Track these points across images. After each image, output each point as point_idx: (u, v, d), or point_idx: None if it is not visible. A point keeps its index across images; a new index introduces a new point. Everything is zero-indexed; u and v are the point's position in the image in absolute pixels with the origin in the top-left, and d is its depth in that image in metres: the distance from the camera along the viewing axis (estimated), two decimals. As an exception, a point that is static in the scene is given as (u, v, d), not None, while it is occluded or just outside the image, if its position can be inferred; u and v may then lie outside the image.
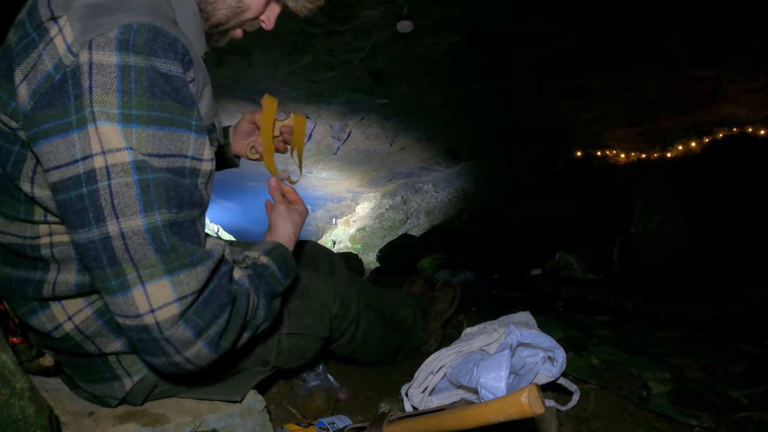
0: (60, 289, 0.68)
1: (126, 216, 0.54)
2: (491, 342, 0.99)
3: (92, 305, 0.71)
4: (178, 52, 0.56)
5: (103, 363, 0.76)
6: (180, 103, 0.56)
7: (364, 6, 2.76)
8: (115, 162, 0.53)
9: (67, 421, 0.75)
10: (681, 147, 4.27)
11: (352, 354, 1.19)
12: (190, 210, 0.59)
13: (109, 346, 0.73)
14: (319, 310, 0.99)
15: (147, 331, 0.57)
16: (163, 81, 0.55)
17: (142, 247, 0.54)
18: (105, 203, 0.53)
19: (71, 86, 0.52)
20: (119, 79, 0.52)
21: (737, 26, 2.83)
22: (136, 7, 0.56)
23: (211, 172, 0.63)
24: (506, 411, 0.55)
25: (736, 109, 3.86)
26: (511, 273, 2.90)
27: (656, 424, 0.89)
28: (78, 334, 0.71)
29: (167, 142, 0.56)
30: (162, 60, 0.55)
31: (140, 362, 0.77)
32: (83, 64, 0.52)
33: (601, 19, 2.84)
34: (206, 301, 0.59)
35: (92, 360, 0.76)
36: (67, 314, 0.70)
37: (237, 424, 0.84)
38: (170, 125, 0.56)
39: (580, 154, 4.90)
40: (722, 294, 1.68)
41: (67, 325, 0.70)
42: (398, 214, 7.50)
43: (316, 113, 4.61)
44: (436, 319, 1.45)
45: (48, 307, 0.69)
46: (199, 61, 0.63)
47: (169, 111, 0.55)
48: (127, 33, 0.53)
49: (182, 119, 0.57)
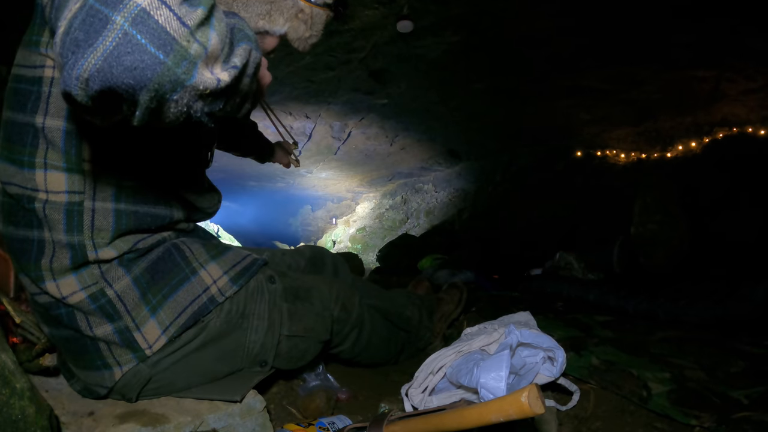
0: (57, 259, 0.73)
1: None
2: (491, 342, 0.99)
3: (86, 289, 0.75)
4: None
5: (94, 350, 0.79)
6: None
7: (364, 6, 2.76)
8: None
9: (67, 421, 0.76)
10: (681, 147, 4.27)
11: (357, 357, 1.19)
12: None
13: (99, 328, 0.77)
14: (321, 313, 1.00)
15: None
16: None
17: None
18: None
19: None
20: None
21: (737, 26, 2.83)
22: None
23: None
24: (506, 411, 0.55)
25: (736, 109, 3.86)
26: (511, 273, 2.90)
27: (656, 424, 0.89)
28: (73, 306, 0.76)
29: None
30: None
31: (130, 353, 0.79)
32: None
33: (602, 19, 2.84)
34: None
35: (85, 345, 0.79)
36: (62, 294, 0.75)
37: (237, 424, 0.84)
38: None
39: (580, 154, 4.90)
40: (722, 294, 1.68)
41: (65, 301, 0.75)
42: (398, 214, 7.49)
43: (316, 113, 4.61)
44: (442, 320, 1.45)
45: (44, 281, 0.74)
46: None
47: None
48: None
49: None
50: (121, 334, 0.77)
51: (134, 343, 0.78)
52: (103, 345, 0.78)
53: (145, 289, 0.79)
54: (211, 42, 0.43)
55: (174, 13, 0.40)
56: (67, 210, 0.72)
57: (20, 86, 0.70)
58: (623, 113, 4.22)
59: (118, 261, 0.78)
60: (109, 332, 0.77)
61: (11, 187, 0.72)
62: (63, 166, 0.71)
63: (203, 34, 0.42)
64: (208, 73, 0.44)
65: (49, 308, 0.77)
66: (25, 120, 0.70)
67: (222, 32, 0.45)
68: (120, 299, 0.77)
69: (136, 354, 0.79)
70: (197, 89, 0.43)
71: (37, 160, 0.70)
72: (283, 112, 4.56)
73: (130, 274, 0.78)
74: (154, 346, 0.79)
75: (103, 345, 0.78)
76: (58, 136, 0.70)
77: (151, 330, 0.79)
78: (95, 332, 0.76)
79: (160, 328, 0.79)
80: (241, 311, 0.89)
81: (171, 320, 0.80)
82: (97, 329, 0.76)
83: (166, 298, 0.80)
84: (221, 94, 0.46)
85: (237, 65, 0.47)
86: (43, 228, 0.72)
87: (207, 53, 0.43)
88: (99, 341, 0.78)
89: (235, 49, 0.48)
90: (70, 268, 0.74)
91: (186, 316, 0.81)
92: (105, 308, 0.76)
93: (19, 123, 0.70)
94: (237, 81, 0.48)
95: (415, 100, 4.24)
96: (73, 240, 0.73)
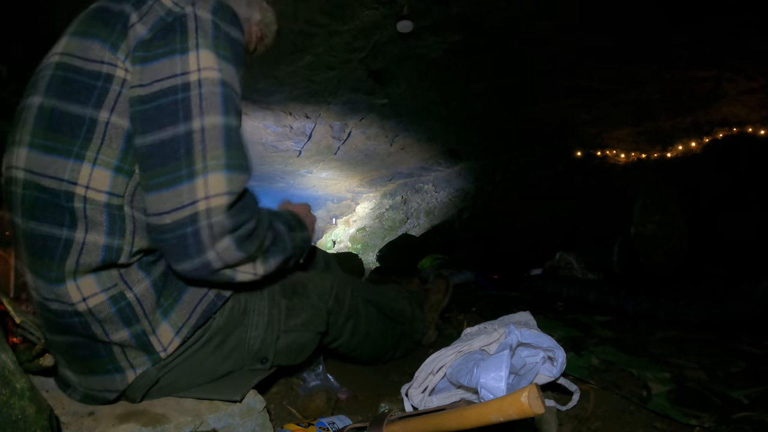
0: (86, 257, 0.70)
1: (210, 114, 0.68)
2: (491, 342, 0.99)
3: (106, 291, 0.72)
4: (239, 26, 0.76)
5: (107, 354, 0.77)
6: (239, 62, 0.75)
7: (364, 6, 2.76)
8: (208, 76, 0.69)
9: (67, 421, 0.76)
10: (681, 147, 4.27)
11: (355, 351, 1.19)
12: (243, 134, 0.75)
13: (116, 335, 0.74)
14: (317, 305, 1.01)
15: (194, 221, 0.67)
16: (233, 43, 0.74)
17: (214, 140, 0.68)
18: (194, 105, 0.68)
19: (179, 26, 0.70)
20: (213, 29, 0.71)
21: (737, 26, 2.83)
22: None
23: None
24: (506, 411, 0.55)
25: (736, 109, 3.86)
26: (511, 273, 2.89)
27: (656, 424, 0.89)
28: (89, 315, 0.72)
29: (236, 82, 0.74)
30: (235, 29, 0.75)
31: (144, 356, 0.78)
32: (189, 13, 0.71)
33: (602, 19, 2.84)
34: (243, 205, 0.72)
35: (96, 350, 0.76)
36: (82, 295, 0.71)
37: (237, 424, 0.84)
38: (237, 73, 0.74)
39: (580, 154, 4.90)
40: (722, 294, 1.68)
41: (80, 306, 0.71)
42: (398, 214, 7.49)
43: (316, 113, 4.61)
44: (432, 309, 1.50)
45: (64, 282, 0.70)
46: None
47: (236, 64, 0.74)
48: (218, 5, 0.74)
49: (239, 74, 0.75)
50: (138, 338, 0.76)
51: (150, 346, 0.77)
52: (117, 349, 0.77)
53: (160, 292, 0.78)
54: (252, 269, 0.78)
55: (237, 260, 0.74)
56: (109, 213, 0.70)
57: (77, 77, 0.70)
58: (623, 113, 4.22)
59: (138, 264, 0.76)
60: (126, 338, 0.75)
61: (45, 179, 0.69)
62: (114, 164, 0.70)
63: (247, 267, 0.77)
64: (247, 275, 0.78)
65: (62, 316, 0.73)
66: (82, 112, 0.69)
67: (265, 261, 0.80)
68: (139, 303, 0.75)
69: (151, 357, 0.78)
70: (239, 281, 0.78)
71: (88, 153, 0.69)
72: (283, 112, 4.56)
73: (150, 278, 0.76)
74: (169, 348, 0.79)
75: (118, 349, 0.77)
76: (120, 134, 0.70)
77: (164, 333, 0.78)
78: (111, 338, 0.74)
79: (173, 330, 0.79)
80: (243, 308, 0.89)
81: (183, 321, 0.80)
82: (114, 335, 0.74)
83: (176, 300, 0.80)
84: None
85: (272, 267, 0.81)
86: (77, 227, 0.69)
87: (237, 273, 0.76)
88: (113, 345, 0.76)
89: (269, 259, 0.81)
90: (94, 268, 0.71)
91: (197, 316, 0.81)
92: (124, 311, 0.74)
93: (72, 114, 0.69)
94: (275, 269, 0.82)
95: (415, 100, 4.24)
96: (112, 243, 0.71)
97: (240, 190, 0.70)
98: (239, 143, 0.72)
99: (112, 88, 0.70)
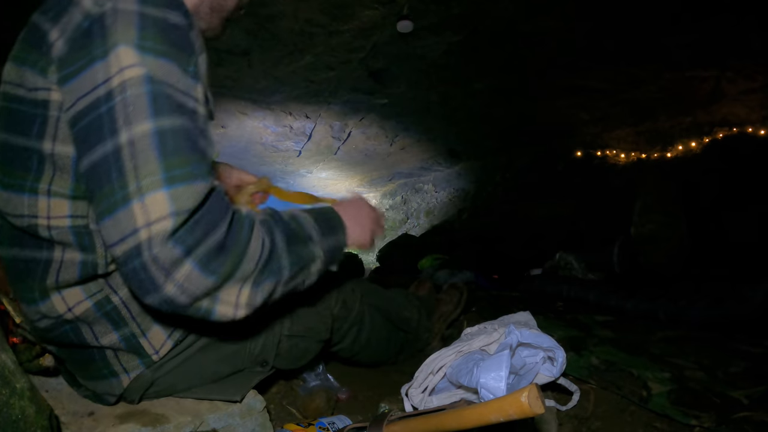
0: (65, 274, 0.70)
1: (137, 122, 0.57)
2: (491, 342, 0.99)
3: (92, 297, 0.73)
4: (183, 10, 0.64)
5: (101, 359, 0.77)
6: (183, 50, 0.63)
7: (364, 6, 2.76)
8: (130, 76, 0.58)
9: (67, 421, 0.76)
10: (681, 147, 4.27)
11: (356, 356, 1.19)
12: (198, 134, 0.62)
13: (105, 337, 0.74)
14: (322, 312, 1.00)
15: (139, 253, 0.56)
16: (173, 29, 0.62)
17: (146, 151, 0.57)
18: (119, 115, 0.57)
19: (97, 28, 0.59)
20: (138, 20, 0.59)
21: (737, 26, 2.82)
22: None
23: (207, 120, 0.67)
24: (506, 411, 0.55)
25: (736, 109, 3.86)
26: (511, 273, 2.89)
27: (656, 424, 0.89)
28: (77, 320, 0.73)
29: (175, 77, 0.61)
30: (173, 12, 0.62)
31: (137, 359, 0.78)
32: (108, 10, 0.60)
33: (602, 19, 2.84)
34: (201, 217, 0.58)
35: (91, 355, 0.77)
36: (67, 305, 0.71)
37: (237, 424, 0.84)
38: (178, 64, 0.61)
39: (580, 154, 4.90)
40: (722, 294, 1.68)
41: (67, 315, 0.72)
42: (398, 214, 7.49)
43: (316, 113, 4.61)
44: (440, 320, 1.44)
45: (48, 297, 0.71)
46: (198, 29, 0.69)
47: (176, 53, 0.62)
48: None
49: (184, 64, 0.63)
50: (128, 341, 0.76)
51: (140, 349, 0.77)
52: (110, 353, 0.77)
53: None
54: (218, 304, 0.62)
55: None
56: (75, 233, 0.68)
57: (19, 107, 0.65)
58: (623, 113, 4.22)
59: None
60: (115, 340, 0.75)
61: (9, 216, 0.69)
62: (69, 194, 0.67)
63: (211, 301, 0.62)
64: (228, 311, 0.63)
65: (52, 329, 0.73)
66: (29, 144, 0.65)
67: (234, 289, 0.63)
68: (125, 306, 0.75)
69: (143, 360, 0.78)
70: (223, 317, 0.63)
71: (41, 186, 0.66)
72: (283, 112, 4.56)
73: None
74: (161, 350, 0.78)
75: (110, 353, 0.77)
76: (68, 163, 0.65)
77: (156, 335, 0.78)
78: (101, 341, 0.74)
79: (164, 332, 0.78)
80: None
81: (175, 324, 0.79)
82: (103, 338, 0.74)
83: None
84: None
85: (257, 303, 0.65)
86: (54, 248, 0.69)
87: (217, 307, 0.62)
88: (106, 349, 0.76)
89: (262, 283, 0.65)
90: (74, 282, 0.71)
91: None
92: (110, 315, 0.74)
93: (20, 147, 0.66)
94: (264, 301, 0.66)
95: (415, 100, 4.24)
96: (87, 258, 0.70)
97: (192, 205, 0.57)
98: (184, 147, 0.59)
99: (51, 115, 0.64)
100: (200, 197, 0.58)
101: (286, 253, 0.68)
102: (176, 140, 0.58)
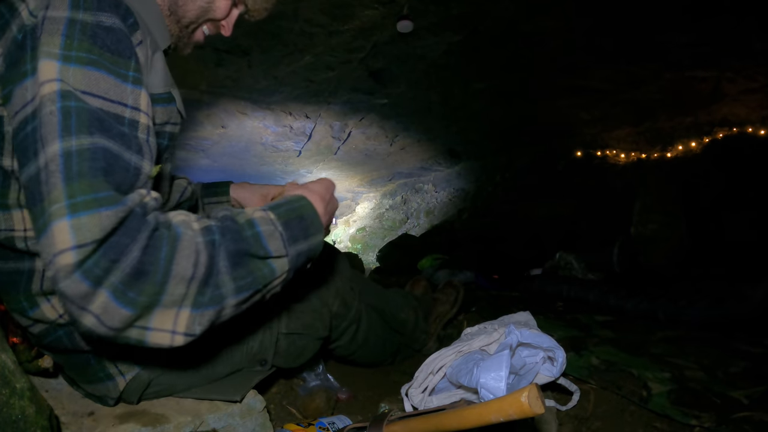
0: (48, 282, 0.70)
1: (48, 144, 0.53)
2: (491, 342, 0.99)
3: None
4: (121, 11, 0.61)
5: (97, 362, 0.77)
6: (119, 54, 0.60)
7: (364, 6, 2.76)
8: (46, 92, 0.54)
9: (67, 421, 0.76)
10: (681, 147, 4.27)
11: (353, 355, 1.19)
12: (122, 149, 0.56)
13: (95, 343, 0.74)
14: (319, 309, 0.99)
15: (57, 282, 0.51)
16: (105, 32, 0.59)
17: (54, 176, 0.51)
18: (39, 136, 0.54)
19: (29, 41, 0.57)
20: (65, 27, 0.56)
21: (737, 26, 2.83)
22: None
23: (150, 128, 0.62)
24: (506, 411, 0.55)
25: (736, 109, 3.86)
26: (511, 273, 2.89)
27: (656, 424, 0.89)
28: (70, 325, 0.73)
29: (105, 86, 0.57)
30: (107, 15, 0.59)
31: (131, 360, 0.78)
32: (39, 20, 0.57)
33: (602, 19, 2.84)
34: (108, 248, 0.51)
35: (87, 360, 0.77)
36: (57, 311, 0.72)
37: (237, 424, 0.84)
38: (108, 71, 0.58)
39: (580, 154, 4.90)
40: (722, 294, 1.68)
41: (59, 321, 0.72)
42: (398, 214, 7.49)
43: (316, 113, 4.61)
44: (436, 321, 1.44)
45: (38, 305, 0.71)
46: (146, 28, 0.67)
47: (108, 59, 0.58)
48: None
49: (121, 69, 0.59)
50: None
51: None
52: (104, 356, 0.77)
53: None
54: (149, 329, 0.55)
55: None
56: None
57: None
58: (623, 113, 4.22)
59: None
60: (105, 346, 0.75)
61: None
62: None
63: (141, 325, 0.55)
64: (164, 339, 0.56)
65: (46, 335, 0.74)
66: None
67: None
68: None
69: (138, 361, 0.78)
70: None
71: (10, 200, 0.66)
72: (283, 112, 4.56)
73: None
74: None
75: (105, 356, 0.77)
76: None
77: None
78: (94, 345, 0.74)
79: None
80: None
81: None
82: (95, 342, 0.74)
83: None
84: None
85: (200, 329, 0.57)
86: (34, 259, 0.70)
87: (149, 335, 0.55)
88: (101, 353, 0.77)
89: (198, 317, 0.57)
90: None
91: None
92: None
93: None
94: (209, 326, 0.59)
95: (415, 100, 4.24)
96: None
97: (99, 235, 0.50)
98: (89, 170, 0.52)
99: (6, 131, 0.63)
100: (109, 226, 0.50)
101: (230, 272, 0.59)
102: (81, 163, 0.52)
